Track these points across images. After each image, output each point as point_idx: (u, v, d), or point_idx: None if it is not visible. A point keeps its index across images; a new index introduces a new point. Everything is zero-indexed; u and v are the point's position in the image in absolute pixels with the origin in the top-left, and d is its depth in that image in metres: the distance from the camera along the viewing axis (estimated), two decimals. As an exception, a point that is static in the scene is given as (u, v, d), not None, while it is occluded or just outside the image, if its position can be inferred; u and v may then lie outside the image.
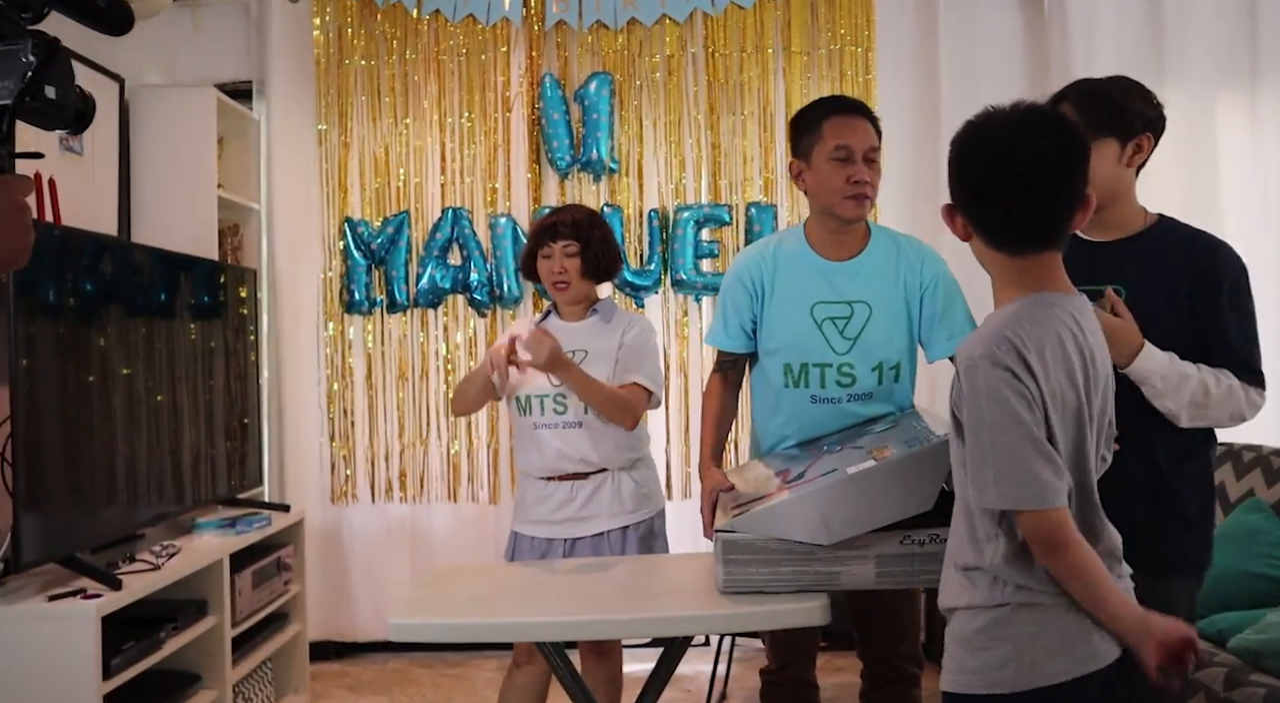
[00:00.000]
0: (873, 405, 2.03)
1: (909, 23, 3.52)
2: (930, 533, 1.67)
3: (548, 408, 2.26)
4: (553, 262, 2.28)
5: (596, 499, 2.27)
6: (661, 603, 1.87)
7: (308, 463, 3.56)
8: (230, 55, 3.61)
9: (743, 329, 2.12)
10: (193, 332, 2.85)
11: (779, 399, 2.08)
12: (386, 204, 3.58)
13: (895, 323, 2.03)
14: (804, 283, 2.05)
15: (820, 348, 2.02)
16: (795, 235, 2.10)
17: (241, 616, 2.70)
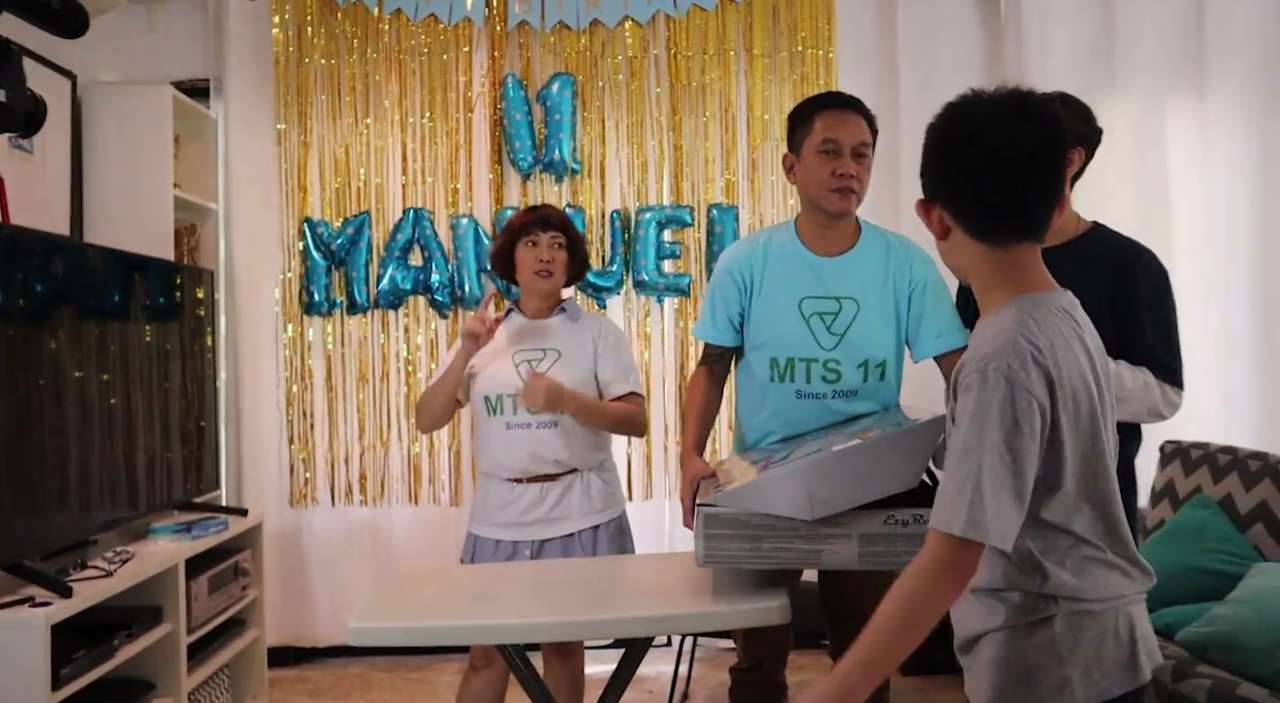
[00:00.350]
0: (857, 403, 2.02)
1: (869, 25, 3.57)
2: (914, 513, 1.66)
3: (520, 407, 2.23)
4: (539, 249, 2.27)
5: (566, 500, 2.26)
6: (623, 604, 1.87)
7: (266, 466, 3.52)
8: (187, 53, 3.55)
9: (730, 322, 2.11)
10: (148, 333, 2.80)
11: (764, 394, 2.07)
12: (347, 204, 3.54)
13: (883, 321, 2.02)
14: (793, 277, 2.04)
15: (807, 343, 2.01)
16: (786, 230, 2.11)
17: (198, 622, 2.66)
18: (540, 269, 2.28)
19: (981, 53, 3.58)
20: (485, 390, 2.27)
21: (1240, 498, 2.58)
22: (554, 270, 2.29)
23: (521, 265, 2.30)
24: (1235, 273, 3.50)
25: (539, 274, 2.28)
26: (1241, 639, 2.10)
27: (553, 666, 2.30)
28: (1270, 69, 3.47)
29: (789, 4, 3.52)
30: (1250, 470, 2.59)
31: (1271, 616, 2.07)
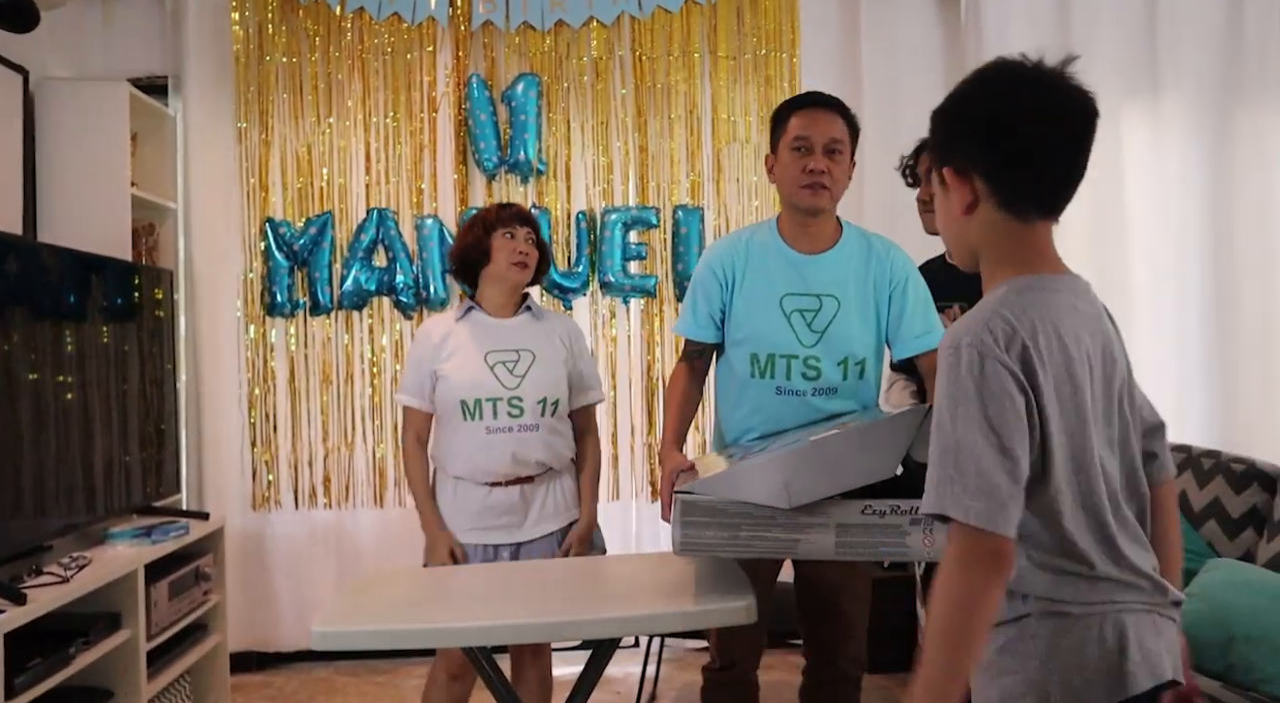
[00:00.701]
0: (837, 401, 2.03)
1: (832, 28, 3.60)
2: (891, 504, 1.66)
3: (501, 411, 2.22)
4: (517, 242, 2.28)
5: (546, 500, 2.28)
6: (590, 605, 1.87)
7: (228, 469, 3.47)
8: (144, 49, 3.49)
9: (712, 319, 2.11)
10: (105, 335, 2.75)
11: (744, 390, 2.07)
12: (309, 204, 3.51)
13: (863, 319, 2.04)
14: (774, 274, 2.05)
15: (787, 339, 2.02)
16: (768, 228, 2.12)
17: (158, 628, 2.62)
18: (518, 260, 2.28)
19: (942, 55, 3.63)
20: (462, 395, 2.23)
21: (1194, 496, 2.64)
22: (529, 263, 2.30)
23: (498, 255, 2.28)
24: (1189, 272, 3.59)
25: (516, 265, 2.28)
26: (1194, 634, 2.14)
27: (523, 667, 2.30)
28: (1220, 71, 3.56)
29: (753, 7, 3.54)
30: (1203, 469, 2.65)
31: (1223, 611, 2.12)
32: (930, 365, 2.00)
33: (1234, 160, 3.57)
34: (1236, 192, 3.58)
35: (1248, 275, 3.57)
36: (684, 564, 2.07)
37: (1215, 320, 3.58)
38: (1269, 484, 2.51)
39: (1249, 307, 3.57)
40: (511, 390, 2.23)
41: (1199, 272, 3.59)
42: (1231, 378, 3.57)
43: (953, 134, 1.23)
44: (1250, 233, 3.57)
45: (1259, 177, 3.57)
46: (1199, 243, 3.60)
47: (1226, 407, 3.58)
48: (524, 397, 2.23)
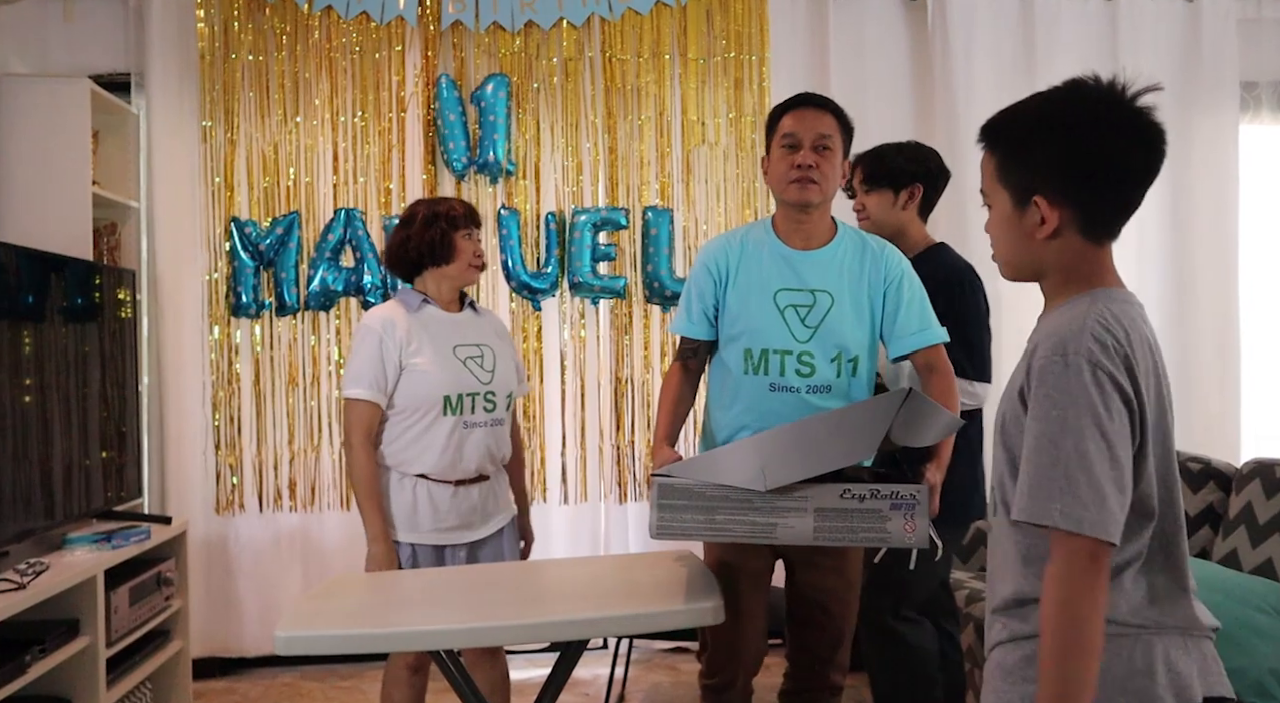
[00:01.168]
0: (830, 398, 2.00)
1: (801, 31, 3.62)
2: (870, 488, 1.66)
3: (478, 405, 2.24)
4: (475, 243, 2.32)
5: (495, 497, 2.31)
6: (556, 607, 1.87)
7: (191, 472, 3.42)
8: (106, 45, 3.44)
9: (706, 316, 2.10)
10: (65, 336, 2.70)
11: (737, 387, 2.05)
12: (275, 204, 3.47)
13: (857, 316, 2.03)
14: (768, 269, 2.05)
15: (781, 335, 2.01)
16: (763, 226, 2.12)
17: (118, 634, 2.58)
18: (477, 263, 2.32)
19: (909, 58, 3.67)
20: (445, 390, 2.20)
21: (1153, 493, 2.68)
22: (484, 266, 2.37)
23: (462, 255, 2.29)
24: (1148, 277, 3.66)
25: (474, 267, 2.31)
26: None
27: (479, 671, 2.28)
28: (1178, 79, 3.63)
29: (722, 9, 3.56)
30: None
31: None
32: (925, 363, 2.02)
33: (1191, 167, 3.65)
34: (1195, 197, 3.65)
35: (1205, 280, 3.65)
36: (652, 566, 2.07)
37: (1174, 324, 3.65)
38: (1224, 483, 2.56)
39: (1206, 311, 3.65)
40: (487, 385, 2.25)
41: (1158, 276, 3.66)
42: (1189, 380, 3.64)
43: (1043, 161, 1.20)
44: (1208, 238, 3.65)
45: (1216, 183, 3.65)
46: (1158, 247, 3.67)
47: (1184, 407, 3.64)
48: (497, 391, 2.26)
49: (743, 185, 3.56)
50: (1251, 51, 3.69)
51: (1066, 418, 1.09)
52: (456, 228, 2.29)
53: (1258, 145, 3.79)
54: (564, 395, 3.53)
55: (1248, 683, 2.00)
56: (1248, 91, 3.76)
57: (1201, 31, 3.62)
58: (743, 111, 3.56)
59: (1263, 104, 3.80)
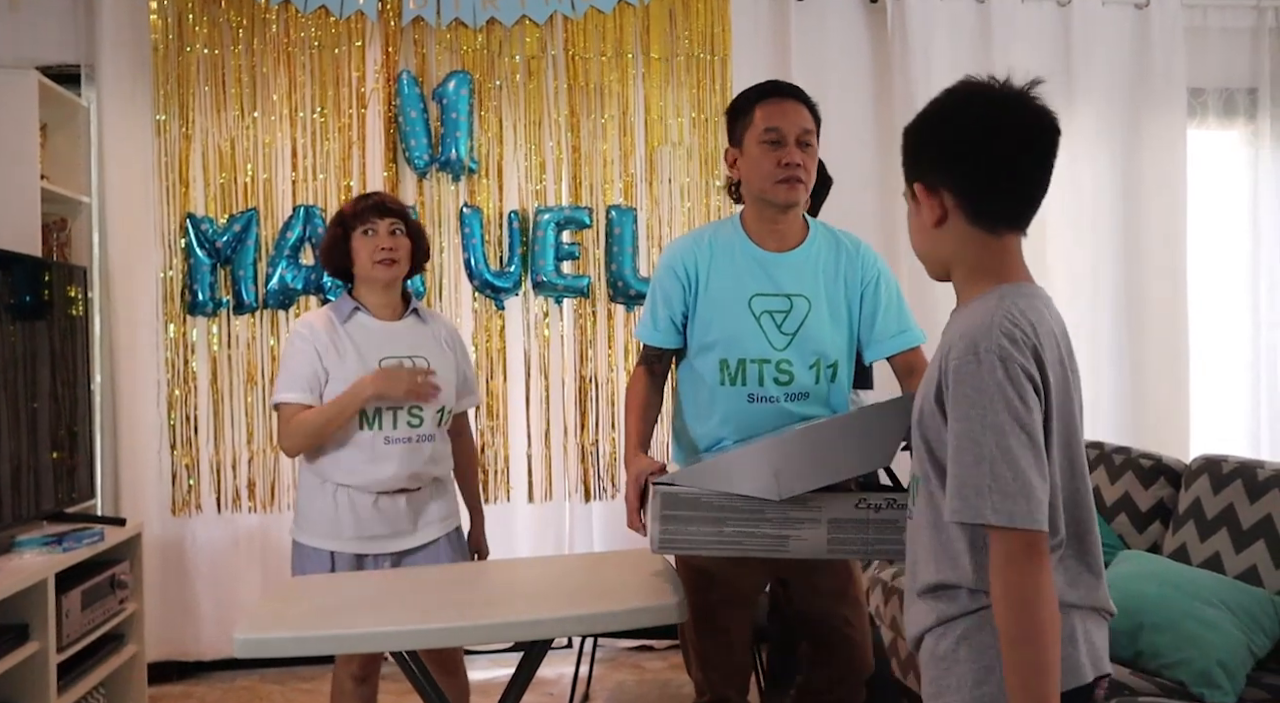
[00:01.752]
0: (809, 406, 1.91)
1: (763, 32, 3.65)
2: (887, 498, 1.56)
3: (401, 421, 2.11)
4: (379, 237, 2.13)
5: (427, 508, 2.20)
6: (519, 607, 1.86)
7: (146, 473, 3.36)
8: (54, 36, 3.36)
9: (673, 322, 1.97)
10: (13, 334, 2.63)
11: (713, 399, 1.93)
12: (232, 200, 3.41)
13: (834, 320, 1.93)
14: (742, 274, 1.93)
15: (758, 343, 1.90)
16: (731, 225, 1.99)
17: (69, 639, 2.52)
18: (382, 258, 2.13)
19: (870, 60, 3.71)
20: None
21: (1106, 490, 2.74)
22: (397, 258, 2.15)
23: (360, 256, 2.14)
24: (1101, 277, 3.74)
25: (381, 263, 2.13)
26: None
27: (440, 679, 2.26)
28: (1128, 86, 3.73)
29: (685, 9, 3.57)
30: (1115, 464, 2.76)
31: (1132, 601, 2.21)
32: (906, 365, 1.95)
33: (1141, 170, 3.74)
34: (1145, 200, 3.75)
35: (1156, 280, 3.74)
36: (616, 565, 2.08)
37: (1126, 323, 3.74)
38: (1174, 479, 2.63)
39: (1157, 310, 3.74)
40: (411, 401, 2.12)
41: (1111, 276, 3.75)
42: (1141, 378, 3.73)
43: (923, 151, 1.28)
44: (1158, 239, 3.74)
45: (1164, 186, 3.74)
46: (1111, 248, 3.75)
47: (1136, 405, 3.74)
48: (424, 406, 2.13)
49: (706, 184, 3.58)
50: (1198, 59, 3.79)
51: (985, 416, 1.13)
52: (351, 227, 2.15)
53: (1204, 150, 3.90)
54: (528, 395, 3.52)
55: (1196, 673, 2.05)
56: (1195, 97, 3.86)
57: (1151, 39, 3.71)
58: (705, 111, 3.57)
59: (1209, 110, 3.91)
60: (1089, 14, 3.70)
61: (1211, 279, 3.91)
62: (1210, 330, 3.90)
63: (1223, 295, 3.93)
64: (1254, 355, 3.87)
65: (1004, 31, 3.67)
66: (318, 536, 2.17)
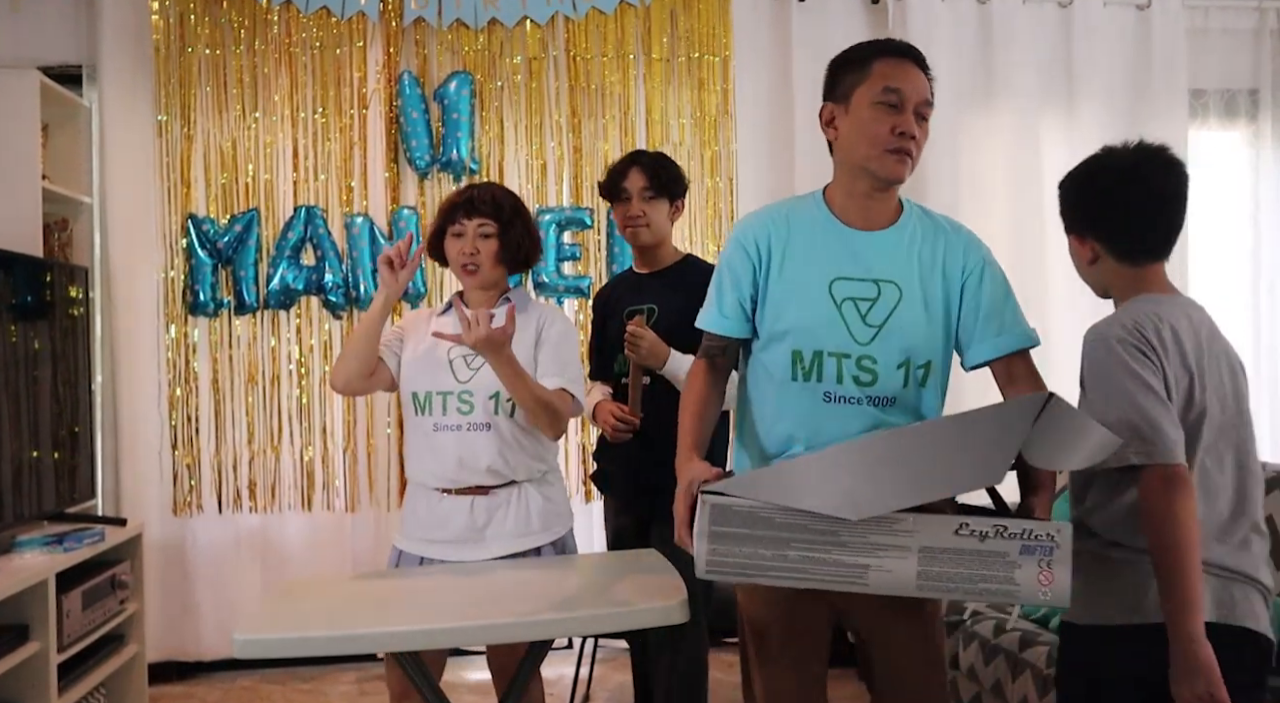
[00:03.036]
0: (894, 413, 1.62)
1: (764, 33, 3.65)
2: (995, 524, 1.26)
3: (450, 406, 1.99)
4: (464, 240, 2.02)
5: (500, 517, 2.02)
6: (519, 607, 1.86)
7: (147, 473, 3.36)
8: (56, 36, 3.37)
9: (741, 306, 1.69)
10: (13, 334, 2.64)
11: (782, 397, 1.65)
12: (234, 201, 3.42)
13: (929, 313, 1.64)
14: (823, 253, 1.66)
15: (838, 334, 1.62)
16: (813, 201, 1.73)
17: (70, 639, 2.52)
18: (465, 263, 2.03)
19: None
20: (414, 386, 2.03)
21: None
22: (480, 263, 2.03)
23: (449, 258, 2.07)
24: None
25: (464, 270, 2.04)
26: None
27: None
28: (1129, 87, 3.72)
29: (686, 10, 3.57)
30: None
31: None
32: (1007, 371, 1.66)
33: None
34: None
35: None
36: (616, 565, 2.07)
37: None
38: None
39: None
40: (463, 384, 1.99)
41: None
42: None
43: (1073, 209, 1.61)
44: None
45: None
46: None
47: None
48: (474, 391, 1.99)
49: (706, 185, 3.57)
50: (1199, 60, 3.79)
51: (1111, 390, 1.42)
52: (447, 224, 2.05)
53: (1205, 151, 3.90)
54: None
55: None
56: (1196, 99, 3.86)
57: (1152, 40, 3.71)
58: (706, 112, 3.57)
59: (1210, 111, 3.91)
60: (1090, 15, 3.70)
61: (1213, 280, 3.90)
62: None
63: (1224, 297, 3.92)
64: (1255, 357, 3.87)
65: (1005, 32, 3.67)
66: (400, 533, 2.11)
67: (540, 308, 2.15)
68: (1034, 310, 3.63)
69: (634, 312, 2.33)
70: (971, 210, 3.66)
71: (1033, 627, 2.44)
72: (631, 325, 2.23)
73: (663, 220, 2.39)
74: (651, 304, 2.34)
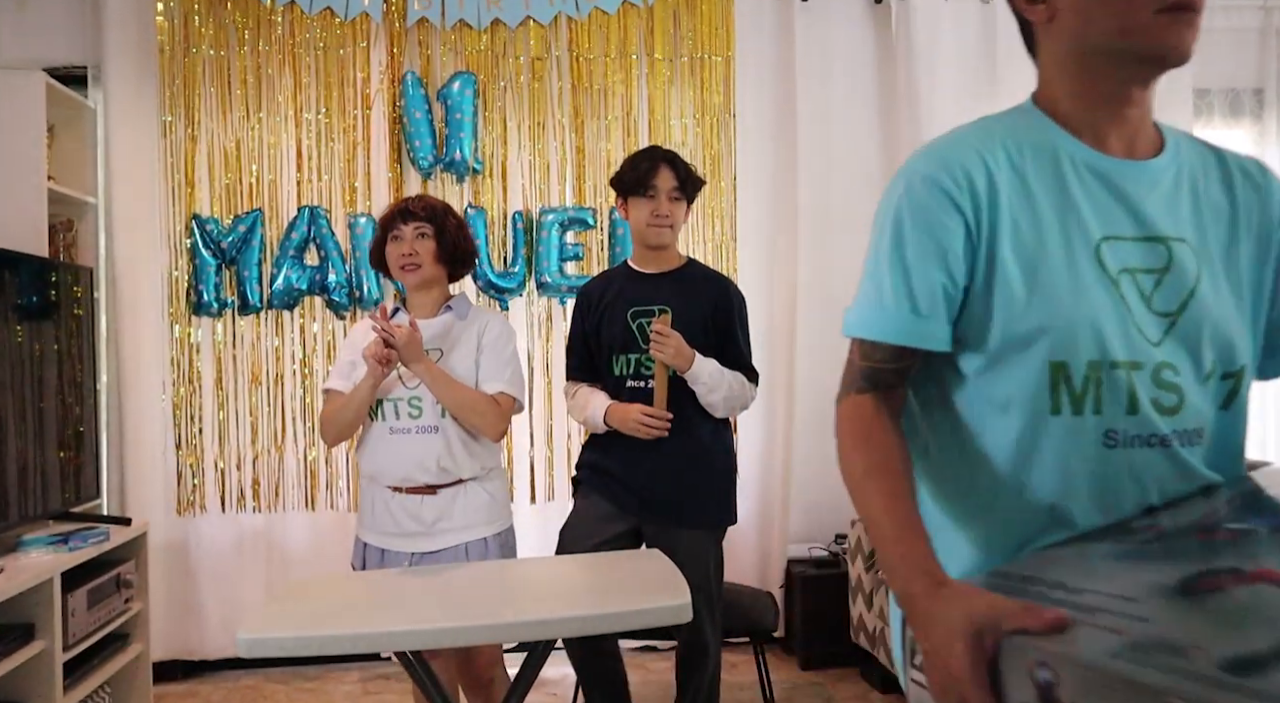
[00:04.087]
0: (1196, 453, 1.03)
1: (766, 33, 3.64)
2: None
3: (402, 411, 2.16)
4: (402, 243, 2.19)
5: (449, 513, 2.17)
6: (523, 607, 1.86)
7: (151, 473, 3.37)
8: (61, 37, 3.38)
9: (946, 294, 1.02)
10: (19, 334, 2.65)
11: (1036, 440, 1.01)
12: (238, 201, 3.42)
13: (1234, 291, 1.05)
14: (1075, 200, 1.02)
15: (1122, 330, 1.00)
16: (1030, 116, 1.11)
17: (75, 638, 2.53)
18: (404, 264, 2.19)
19: (874, 60, 3.70)
20: None
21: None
22: (420, 263, 2.19)
23: (390, 262, 2.22)
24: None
25: (404, 269, 2.19)
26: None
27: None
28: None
29: (689, 10, 3.57)
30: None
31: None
32: None
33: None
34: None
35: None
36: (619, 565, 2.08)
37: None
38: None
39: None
40: (411, 390, 2.15)
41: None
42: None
43: None
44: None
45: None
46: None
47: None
48: (422, 396, 2.15)
49: (709, 185, 3.57)
50: (1204, 59, 3.75)
51: None
52: (386, 233, 2.22)
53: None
54: (531, 395, 3.52)
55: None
56: (1200, 98, 3.85)
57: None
58: (709, 112, 3.57)
59: (1214, 110, 3.90)
60: (1094, 14, 3.69)
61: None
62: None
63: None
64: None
65: (1009, 31, 3.64)
66: (360, 525, 2.28)
67: (481, 314, 2.30)
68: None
69: (659, 311, 2.32)
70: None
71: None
72: (658, 324, 2.26)
73: (681, 222, 2.40)
74: (664, 305, 2.33)
